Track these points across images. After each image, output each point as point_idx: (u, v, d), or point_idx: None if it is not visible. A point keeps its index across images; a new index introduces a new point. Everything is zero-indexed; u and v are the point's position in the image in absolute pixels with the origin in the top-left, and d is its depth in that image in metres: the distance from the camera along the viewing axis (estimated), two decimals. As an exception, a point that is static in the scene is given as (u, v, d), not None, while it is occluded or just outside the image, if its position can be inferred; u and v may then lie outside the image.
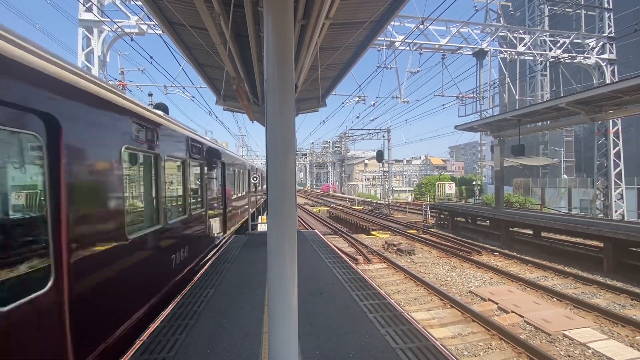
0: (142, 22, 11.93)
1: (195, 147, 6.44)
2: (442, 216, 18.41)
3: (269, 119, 2.28)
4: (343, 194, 54.27)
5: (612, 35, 18.28)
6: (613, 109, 11.08)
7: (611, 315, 6.05)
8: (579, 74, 23.01)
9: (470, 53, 17.23)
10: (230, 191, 10.29)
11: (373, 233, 16.55)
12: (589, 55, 18.13)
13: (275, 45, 2.26)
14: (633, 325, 5.62)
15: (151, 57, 9.64)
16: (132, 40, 11.50)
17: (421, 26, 13.54)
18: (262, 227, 11.55)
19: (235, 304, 4.35)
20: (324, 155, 65.33)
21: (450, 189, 30.78)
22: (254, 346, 3.24)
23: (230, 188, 10.48)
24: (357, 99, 17.59)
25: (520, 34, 17.33)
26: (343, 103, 17.79)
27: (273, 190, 2.30)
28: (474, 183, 29.72)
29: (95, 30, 11.86)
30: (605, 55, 18.15)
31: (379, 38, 7.17)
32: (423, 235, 15.35)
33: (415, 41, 15.32)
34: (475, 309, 6.32)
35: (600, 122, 17.43)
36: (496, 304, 6.82)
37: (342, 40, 6.15)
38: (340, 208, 29.86)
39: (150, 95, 16.34)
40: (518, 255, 10.72)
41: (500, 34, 16.92)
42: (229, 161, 10.08)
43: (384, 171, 35.19)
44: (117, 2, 11.98)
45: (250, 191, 14.79)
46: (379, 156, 27.68)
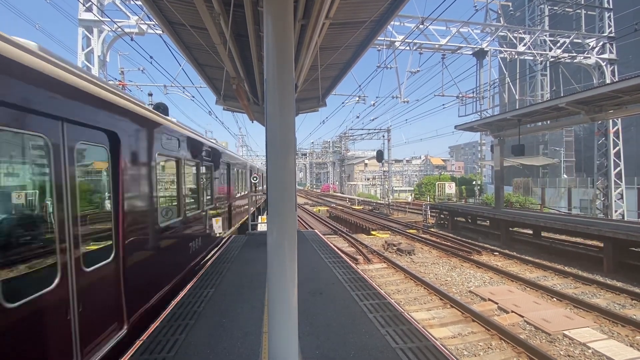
0: (142, 22, 11.93)
1: (206, 151, 7.27)
2: (442, 216, 18.40)
3: (269, 119, 2.28)
4: (343, 193, 54.22)
5: (612, 35, 18.27)
6: (613, 109, 11.07)
7: (611, 315, 6.05)
8: (579, 74, 22.99)
9: (470, 53, 17.23)
10: (233, 190, 10.91)
11: (373, 233, 16.54)
12: (589, 55, 18.12)
13: (275, 45, 2.27)
14: (633, 325, 5.62)
15: (151, 57, 9.62)
16: (132, 40, 11.54)
17: (421, 26, 13.52)
18: (262, 227, 11.56)
19: (235, 303, 4.35)
20: (324, 155, 65.33)
21: (450, 188, 30.71)
22: (254, 346, 3.24)
23: (234, 187, 11.09)
24: (357, 98, 17.58)
25: (520, 33, 17.32)
26: (343, 103, 17.80)
27: (273, 190, 2.30)
28: (474, 183, 29.69)
29: (95, 30, 11.86)
30: (605, 55, 18.14)
31: (379, 38, 7.16)
32: (423, 235, 15.34)
33: (415, 41, 15.32)
34: (475, 309, 6.32)
35: (600, 122, 17.43)
36: (496, 303, 6.82)
37: (342, 40, 6.15)
38: (340, 208, 29.84)
39: (150, 95, 16.27)
40: (518, 255, 10.72)
41: (500, 33, 16.91)
42: (232, 162, 10.66)
43: (384, 171, 35.20)
44: (117, 2, 11.98)
45: (251, 191, 14.86)
46: (379, 156, 27.69)
